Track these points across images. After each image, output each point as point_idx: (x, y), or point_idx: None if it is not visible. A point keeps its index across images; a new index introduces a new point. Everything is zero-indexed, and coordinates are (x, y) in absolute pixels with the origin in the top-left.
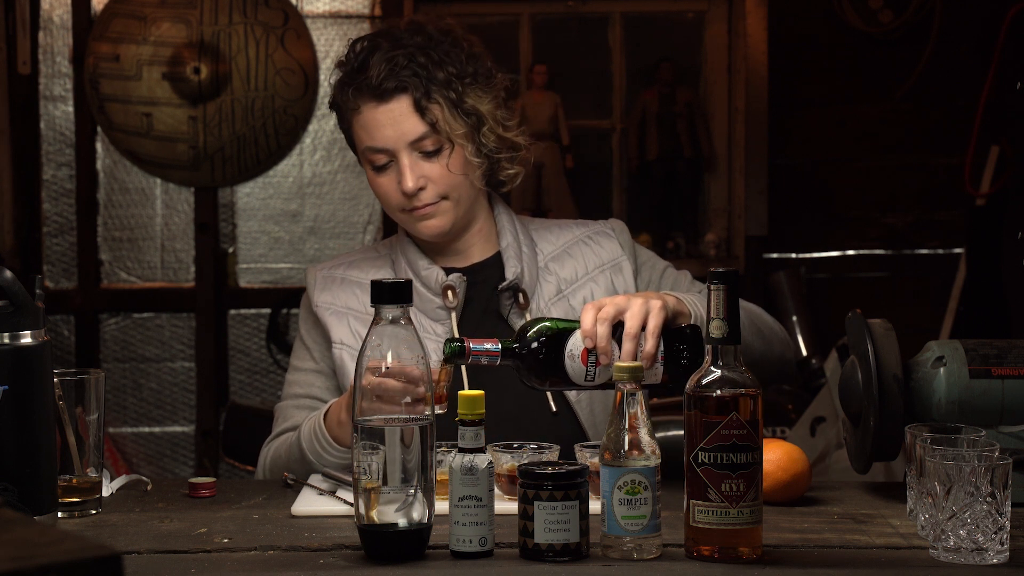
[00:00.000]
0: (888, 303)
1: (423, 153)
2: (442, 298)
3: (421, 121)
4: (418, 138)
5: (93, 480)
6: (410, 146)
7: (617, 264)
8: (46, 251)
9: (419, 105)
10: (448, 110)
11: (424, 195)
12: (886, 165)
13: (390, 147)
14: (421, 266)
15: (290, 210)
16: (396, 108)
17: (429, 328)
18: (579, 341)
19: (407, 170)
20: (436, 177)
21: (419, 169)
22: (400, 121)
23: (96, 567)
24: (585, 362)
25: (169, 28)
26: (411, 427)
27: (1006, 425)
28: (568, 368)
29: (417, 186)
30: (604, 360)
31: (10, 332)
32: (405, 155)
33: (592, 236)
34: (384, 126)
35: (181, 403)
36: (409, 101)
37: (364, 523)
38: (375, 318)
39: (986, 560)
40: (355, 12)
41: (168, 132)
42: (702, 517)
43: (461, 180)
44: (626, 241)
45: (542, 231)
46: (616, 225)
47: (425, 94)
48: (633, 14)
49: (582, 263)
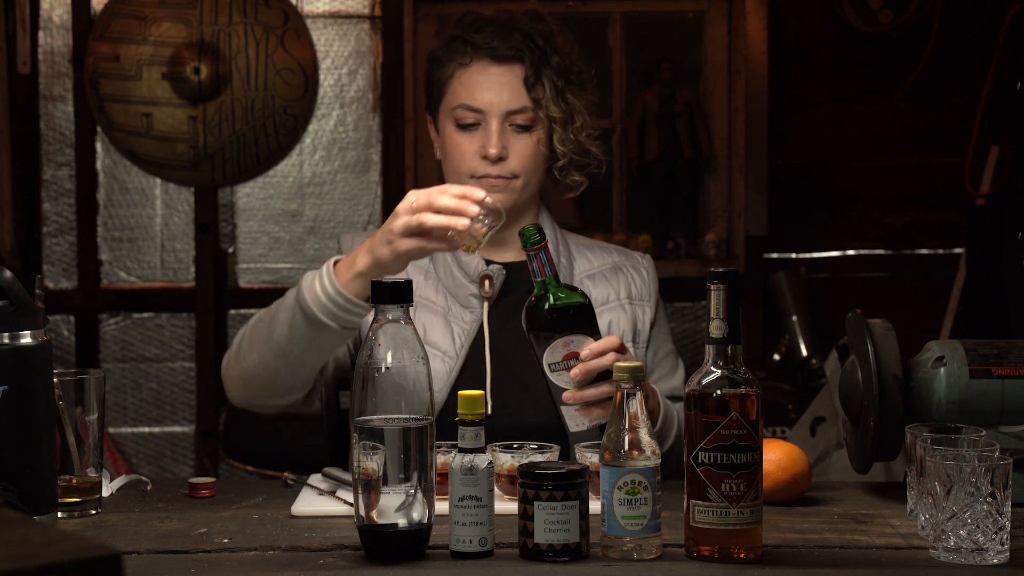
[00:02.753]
0: (888, 303)
1: (513, 126)
2: (479, 286)
3: (526, 94)
4: (517, 109)
5: (93, 480)
6: (505, 114)
7: (643, 305)
8: (46, 251)
9: (528, 79)
10: (552, 93)
11: (503, 166)
12: (886, 165)
13: (486, 109)
14: (461, 251)
15: (290, 210)
16: (508, 73)
17: (457, 314)
18: (582, 344)
19: (495, 135)
20: (518, 152)
21: (505, 139)
22: (507, 87)
23: (96, 567)
24: (564, 357)
25: (169, 28)
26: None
27: (1006, 425)
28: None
29: (500, 154)
30: (570, 393)
31: (10, 332)
32: (496, 121)
33: (627, 267)
34: (489, 88)
35: (181, 403)
36: (521, 71)
37: (364, 523)
38: (375, 317)
39: (986, 560)
40: (355, 12)
41: (168, 132)
42: (702, 517)
43: (538, 164)
44: (654, 285)
45: (582, 248)
46: (649, 263)
47: (536, 72)
48: (633, 14)
49: (614, 289)
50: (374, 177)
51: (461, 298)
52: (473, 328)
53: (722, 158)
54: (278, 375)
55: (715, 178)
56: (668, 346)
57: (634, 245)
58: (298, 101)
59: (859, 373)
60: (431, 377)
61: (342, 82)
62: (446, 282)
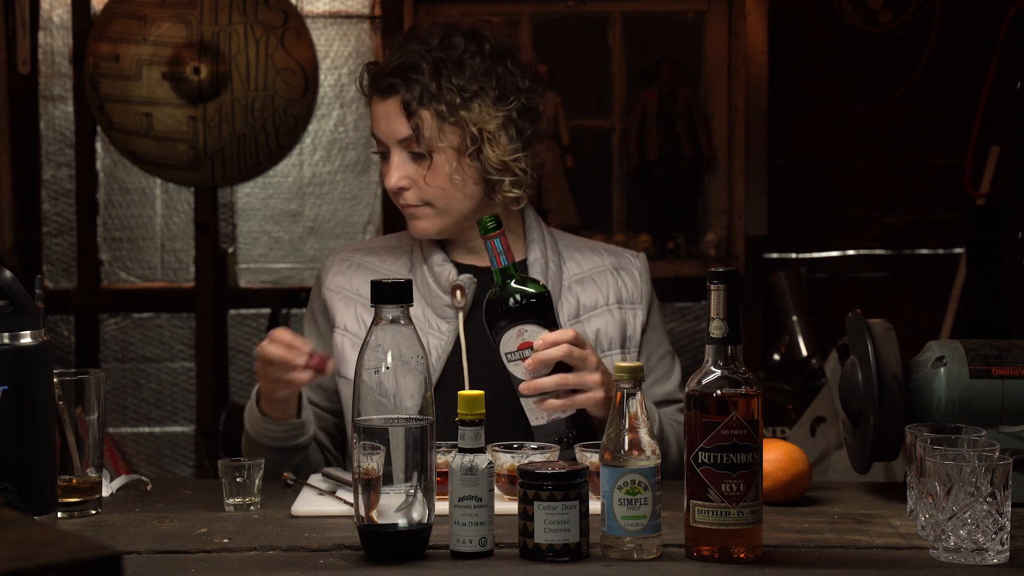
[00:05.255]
0: (888, 303)
1: (413, 154)
2: (451, 297)
3: (407, 123)
4: (404, 138)
5: (93, 480)
6: (399, 144)
7: (634, 309)
8: (46, 251)
9: (408, 108)
10: (435, 120)
11: (408, 195)
12: (886, 165)
13: (383, 139)
14: (435, 261)
15: (290, 210)
16: (390, 105)
17: (434, 324)
18: (537, 334)
19: (392, 167)
20: (419, 182)
21: (405, 169)
22: (390, 118)
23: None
24: (519, 347)
25: (169, 28)
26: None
27: (1006, 425)
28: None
29: (398, 185)
30: (527, 385)
31: (10, 332)
32: (395, 152)
33: (618, 269)
34: (380, 119)
35: (181, 403)
36: (399, 102)
37: (364, 523)
38: (375, 318)
39: (986, 560)
40: (355, 12)
41: (168, 132)
42: (702, 517)
43: (445, 191)
44: (647, 286)
45: (572, 250)
46: (642, 263)
47: (416, 99)
48: (633, 14)
49: (604, 293)
50: (374, 177)
51: (437, 308)
52: (450, 339)
53: (722, 158)
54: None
55: (715, 178)
56: (664, 348)
57: (634, 245)
58: (298, 101)
59: (859, 373)
60: (431, 377)
61: (342, 82)
62: (423, 293)
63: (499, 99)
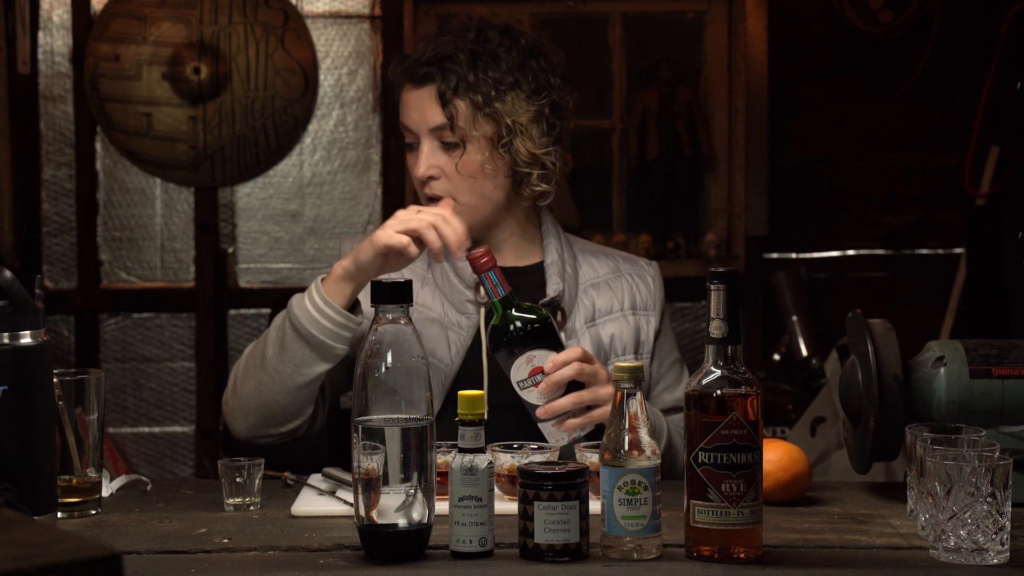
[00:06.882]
0: (888, 303)
1: (444, 144)
2: (474, 292)
3: (441, 112)
4: (437, 127)
5: (93, 480)
6: (431, 132)
7: (648, 315)
8: (46, 251)
9: (443, 96)
10: (471, 110)
11: (435, 185)
12: (886, 165)
13: (414, 129)
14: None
15: (290, 210)
16: (424, 94)
17: (454, 319)
18: (546, 358)
19: (422, 156)
20: (449, 172)
21: (436, 158)
22: (424, 106)
23: (96, 567)
24: (530, 374)
25: (169, 28)
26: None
27: (1006, 425)
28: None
29: (428, 174)
30: (543, 410)
31: (10, 332)
32: (426, 140)
33: (633, 275)
34: (412, 108)
35: (181, 403)
36: (434, 90)
37: (364, 523)
38: (375, 318)
39: (986, 560)
40: (355, 12)
41: (168, 132)
42: (702, 517)
43: (475, 181)
44: (659, 294)
45: (587, 254)
46: (655, 271)
47: (452, 88)
48: (633, 14)
49: (618, 298)
50: (374, 177)
51: (458, 304)
52: (470, 334)
53: (722, 158)
54: (275, 399)
55: (715, 178)
56: (674, 355)
57: (634, 245)
58: (298, 101)
59: (859, 373)
60: (431, 377)
61: (342, 82)
62: (443, 288)
63: (533, 93)
